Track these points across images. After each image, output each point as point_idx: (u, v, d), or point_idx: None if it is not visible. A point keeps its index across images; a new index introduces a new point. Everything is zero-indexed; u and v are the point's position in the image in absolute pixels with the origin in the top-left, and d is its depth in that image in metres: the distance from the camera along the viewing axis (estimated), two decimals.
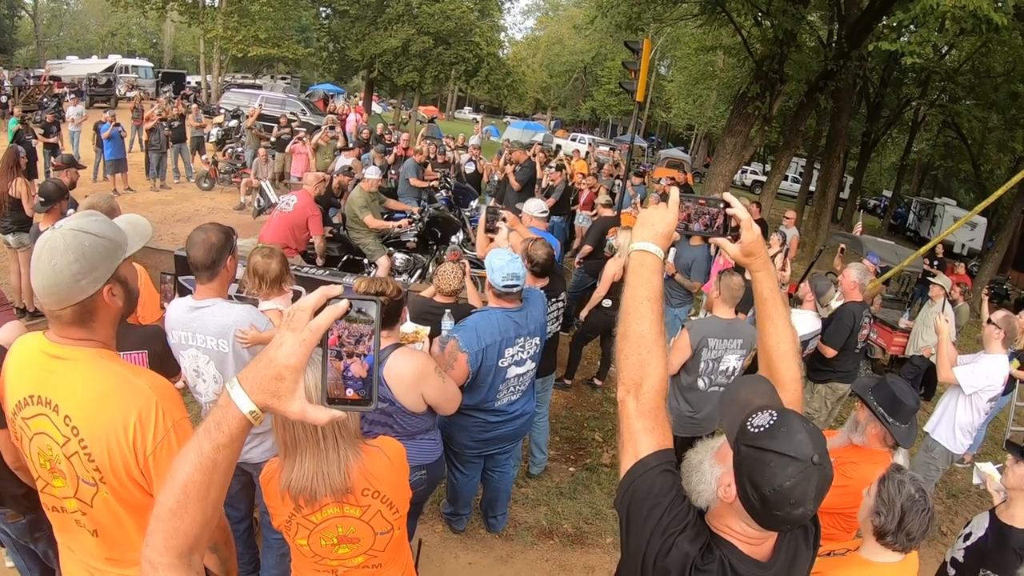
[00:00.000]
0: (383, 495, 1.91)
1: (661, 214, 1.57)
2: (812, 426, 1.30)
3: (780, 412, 1.30)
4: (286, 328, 0.98)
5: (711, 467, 1.39)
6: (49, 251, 1.46)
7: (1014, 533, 2.86)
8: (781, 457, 1.22)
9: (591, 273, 7.15)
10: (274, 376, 0.97)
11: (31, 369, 1.58)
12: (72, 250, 1.46)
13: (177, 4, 26.66)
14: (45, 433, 1.55)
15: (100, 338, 1.60)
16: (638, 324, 1.46)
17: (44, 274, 1.46)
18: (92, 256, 1.49)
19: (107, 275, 1.54)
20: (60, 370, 1.54)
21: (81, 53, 39.56)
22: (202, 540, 1.05)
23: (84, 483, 1.57)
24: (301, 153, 12.12)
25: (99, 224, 1.54)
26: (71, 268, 1.46)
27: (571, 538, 4.29)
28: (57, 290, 1.47)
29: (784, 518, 1.24)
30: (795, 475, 1.21)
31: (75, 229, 1.49)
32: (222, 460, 1.00)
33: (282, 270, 3.17)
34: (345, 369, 0.98)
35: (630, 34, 13.97)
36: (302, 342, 0.96)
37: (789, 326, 1.66)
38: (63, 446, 1.54)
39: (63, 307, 1.50)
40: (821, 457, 1.23)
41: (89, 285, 1.50)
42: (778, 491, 1.21)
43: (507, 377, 3.44)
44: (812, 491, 1.22)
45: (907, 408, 2.72)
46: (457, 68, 29.50)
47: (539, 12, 57.92)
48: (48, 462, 1.58)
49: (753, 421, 1.30)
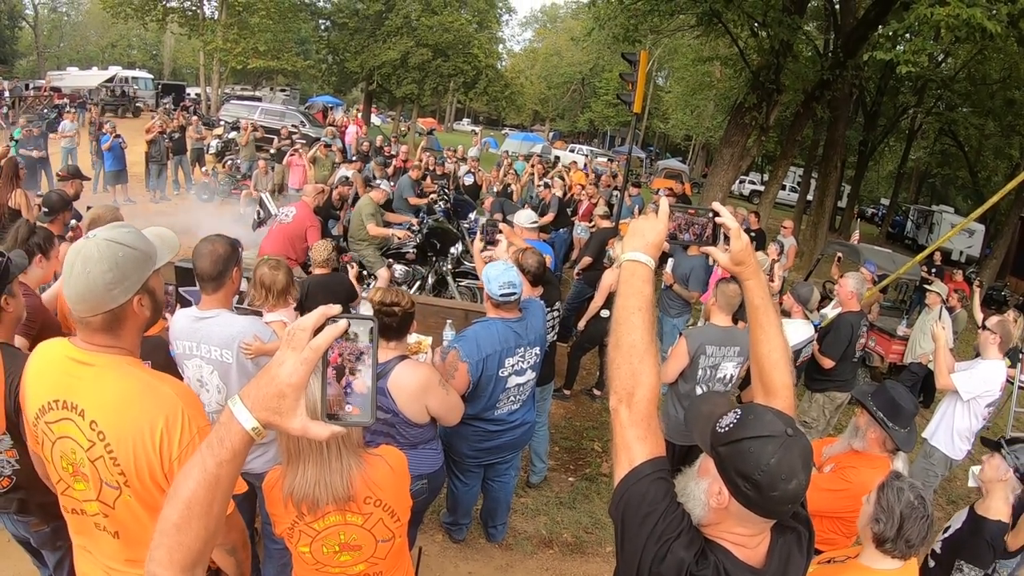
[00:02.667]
0: (385, 503, 1.93)
1: (651, 224, 1.60)
2: (776, 410, 1.37)
3: (743, 407, 1.38)
4: (287, 347, 1.00)
5: (696, 484, 1.41)
6: (84, 259, 1.50)
7: (987, 524, 2.95)
8: (757, 440, 1.28)
9: (590, 284, 7.17)
10: (276, 394, 0.99)
11: (55, 374, 1.61)
12: (106, 260, 1.51)
13: (177, 16, 26.81)
14: (69, 437, 1.59)
15: (126, 345, 1.64)
16: (629, 334, 1.49)
17: (78, 281, 1.50)
18: (125, 266, 1.54)
19: (137, 285, 1.58)
20: (87, 375, 1.58)
21: (81, 64, 39.70)
22: (205, 554, 1.07)
23: (107, 486, 1.60)
24: (298, 165, 12.14)
25: (132, 236, 1.59)
26: (104, 277, 1.51)
27: (571, 547, 4.29)
28: (90, 297, 1.52)
29: (782, 496, 1.27)
30: (776, 450, 1.26)
31: (109, 240, 1.53)
32: (225, 476, 1.03)
33: (288, 281, 3.20)
34: (346, 386, 1.01)
35: (627, 46, 14.05)
36: (303, 361, 0.98)
37: (780, 334, 1.68)
38: (88, 450, 1.57)
39: (94, 314, 1.55)
40: (794, 429, 1.30)
41: (121, 294, 1.55)
42: (766, 471, 1.25)
43: (507, 387, 3.45)
44: (798, 460, 1.27)
45: (906, 412, 2.75)
46: (456, 80, 29.64)
47: (537, 24, 58.43)
48: (71, 465, 1.62)
49: (721, 423, 1.36)
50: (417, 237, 7.61)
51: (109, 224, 1.62)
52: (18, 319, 2.43)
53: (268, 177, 11.89)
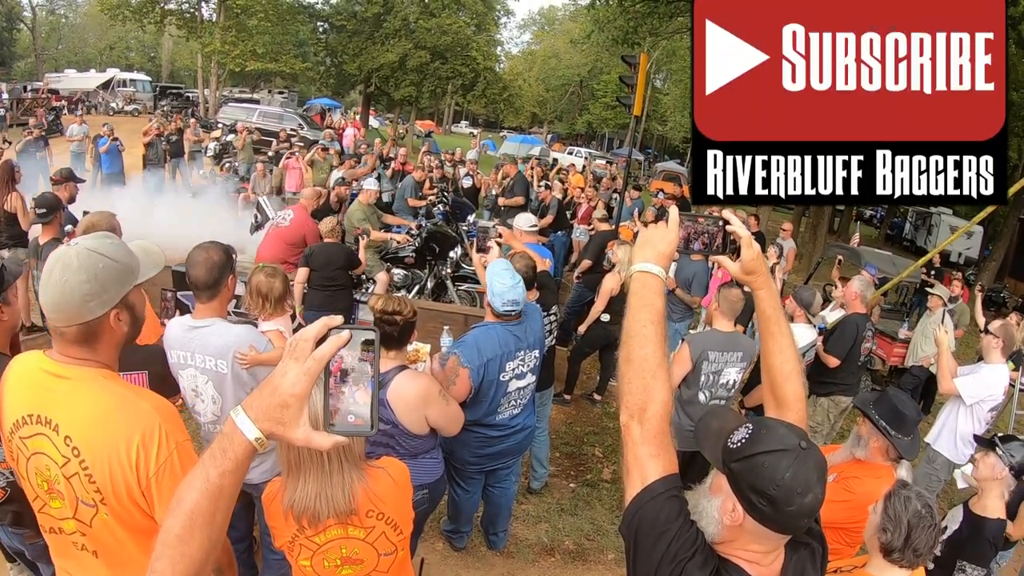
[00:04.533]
0: (387, 516, 1.90)
1: (662, 234, 1.57)
2: (788, 423, 1.36)
3: (754, 422, 1.35)
4: (289, 358, 1.00)
5: (709, 502, 1.39)
6: (62, 267, 1.47)
7: (987, 523, 2.97)
8: (771, 454, 1.26)
9: (590, 288, 7.15)
10: (279, 404, 0.99)
11: (30, 388, 1.57)
12: (85, 270, 1.47)
13: (175, 18, 26.79)
14: (44, 453, 1.54)
15: (102, 359, 1.59)
16: (641, 348, 1.45)
17: (54, 289, 1.47)
18: (104, 278, 1.50)
19: (116, 299, 1.54)
20: (61, 389, 1.53)
21: (79, 66, 39.71)
22: (207, 565, 1.06)
23: (83, 504, 1.55)
24: (295, 168, 12.11)
25: (114, 247, 1.55)
26: (82, 288, 1.47)
27: (572, 555, 4.26)
28: (65, 307, 1.48)
29: (799, 511, 1.24)
30: (791, 464, 1.24)
31: (91, 249, 1.50)
32: (228, 486, 1.02)
33: (284, 290, 3.17)
34: (348, 396, 1.01)
35: (626, 48, 14.07)
36: (306, 371, 0.98)
37: (792, 344, 1.65)
38: (62, 467, 1.53)
39: (69, 324, 1.51)
40: (807, 442, 1.28)
41: (97, 307, 1.51)
42: (781, 485, 1.23)
43: (508, 391, 3.43)
44: (813, 473, 1.25)
45: (909, 420, 2.73)
46: (454, 82, 29.68)
47: (535, 27, 58.47)
48: (46, 482, 1.57)
49: (733, 439, 1.34)
50: (416, 241, 7.58)
51: (95, 233, 1.59)
52: (13, 327, 2.41)
53: (266, 180, 11.87)
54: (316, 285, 5.54)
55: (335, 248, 5.68)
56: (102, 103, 29.28)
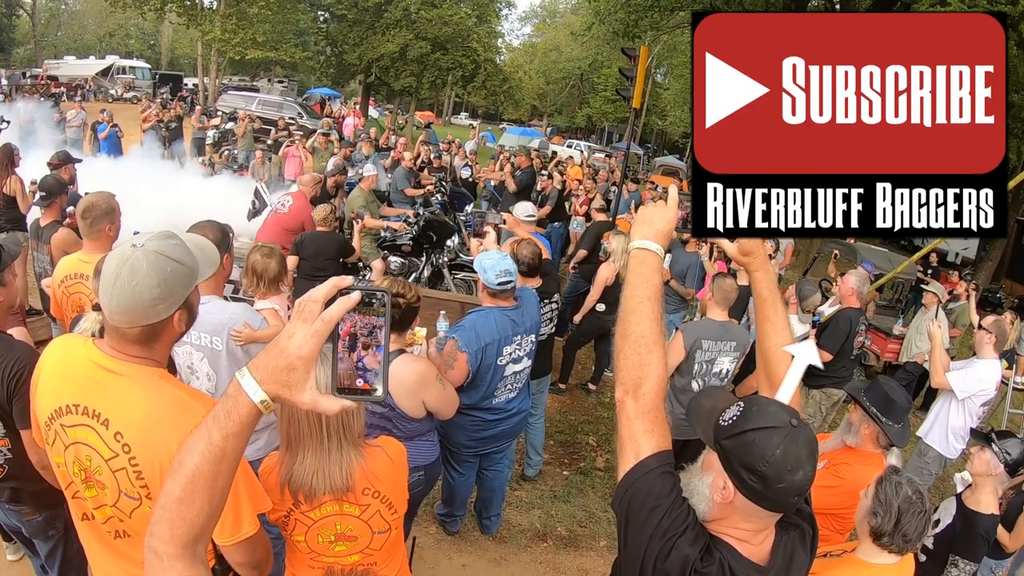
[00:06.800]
0: (383, 495, 1.91)
1: (661, 212, 1.57)
2: (779, 401, 1.37)
3: (745, 400, 1.36)
4: (297, 319, 0.98)
5: (700, 480, 1.40)
6: (130, 271, 1.44)
7: (980, 518, 2.99)
8: (761, 431, 1.27)
9: (586, 278, 7.16)
10: (285, 366, 0.97)
11: (76, 378, 1.56)
12: (156, 275, 1.45)
13: (175, 6, 26.56)
14: (87, 444, 1.54)
15: (157, 357, 1.59)
16: (638, 323, 1.46)
17: (122, 292, 1.44)
18: (172, 283, 1.49)
19: (180, 301, 1.54)
20: (115, 385, 1.53)
21: (79, 53, 39.51)
22: (207, 530, 1.05)
23: (127, 496, 1.56)
24: (295, 156, 12.07)
25: (179, 250, 1.53)
26: (152, 292, 1.46)
27: (565, 541, 4.29)
28: (133, 311, 1.46)
29: (789, 488, 1.26)
30: (781, 441, 1.25)
31: (159, 252, 1.47)
32: (231, 449, 1.00)
33: (280, 270, 3.17)
34: (357, 360, 0.99)
35: (627, 41, 14.03)
36: (314, 333, 0.96)
37: (788, 327, 1.67)
38: (108, 460, 1.53)
39: (133, 326, 1.50)
40: (798, 420, 1.29)
41: (164, 310, 1.50)
42: (771, 462, 1.24)
43: (505, 375, 3.47)
44: (804, 451, 1.26)
45: (899, 407, 2.75)
46: (454, 74, 29.55)
47: (536, 19, 58.08)
48: (83, 471, 1.57)
49: (724, 416, 1.35)
50: (413, 229, 7.59)
51: (158, 233, 1.55)
52: (10, 307, 2.42)
53: (265, 168, 11.83)
54: (304, 274, 5.43)
55: (326, 237, 5.63)
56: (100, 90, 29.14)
